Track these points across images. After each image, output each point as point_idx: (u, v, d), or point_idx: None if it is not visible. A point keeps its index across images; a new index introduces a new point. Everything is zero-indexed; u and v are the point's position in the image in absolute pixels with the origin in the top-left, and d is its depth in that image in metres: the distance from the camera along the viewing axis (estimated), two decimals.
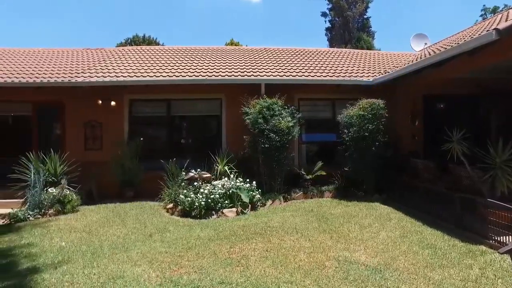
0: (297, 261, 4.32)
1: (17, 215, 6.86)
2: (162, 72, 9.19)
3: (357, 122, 8.10)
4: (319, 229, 5.73)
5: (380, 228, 5.70)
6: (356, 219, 6.25)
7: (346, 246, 4.84)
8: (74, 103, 9.19)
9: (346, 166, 8.46)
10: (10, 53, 11.65)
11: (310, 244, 4.98)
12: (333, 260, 4.33)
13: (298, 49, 12.34)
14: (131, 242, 5.27)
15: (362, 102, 8.34)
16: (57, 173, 7.93)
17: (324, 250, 4.71)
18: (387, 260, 4.30)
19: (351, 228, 5.70)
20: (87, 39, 47.24)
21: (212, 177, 7.94)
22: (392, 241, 5.02)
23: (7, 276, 4.12)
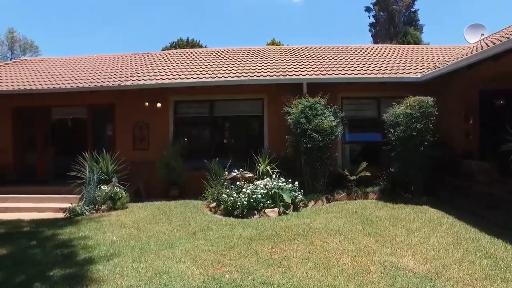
0: (340, 265, 4.21)
1: (75, 210, 7.41)
2: (205, 73, 9.42)
3: (403, 121, 7.72)
4: (363, 231, 5.55)
5: (429, 233, 5.38)
6: (403, 223, 5.96)
7: (393, 251, 4.63)
8: (124, 106, 9.73)
9: (392, 167, 8.09)
10: (69, 61, 12.62)
11: (354, 247, 4.83)
12: (378, 265, 4.16)
13: (340, 47, 12.05)
14: (176, 239, 5.45)
15: (409, 99, 7.93)
16: (108, 172, 8.43)
17: (369, 254, 4.54)
18: (438, 268, 4.04)
19: (398, 232, 5.44)
20: (135, 45, 49.75)
21: (254, 177, 7.98)
22: (443, 247, 4.72)
23: (68, 264, 4.48)
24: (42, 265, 4.53)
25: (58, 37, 45.90)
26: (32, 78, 10.56)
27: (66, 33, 46.76)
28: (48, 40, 46.84)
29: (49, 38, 46.14)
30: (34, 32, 51.08)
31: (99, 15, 48.34)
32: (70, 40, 46.77)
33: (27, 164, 10.57)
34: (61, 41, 46.68)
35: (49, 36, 46.01)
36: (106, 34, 48.65)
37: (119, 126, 9.81)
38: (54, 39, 46.26)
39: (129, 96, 9.50)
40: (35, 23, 45.23)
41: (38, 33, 48.18)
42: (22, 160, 10.56)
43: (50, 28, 45.76)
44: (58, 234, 5.97)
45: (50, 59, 13.75)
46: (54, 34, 46.55)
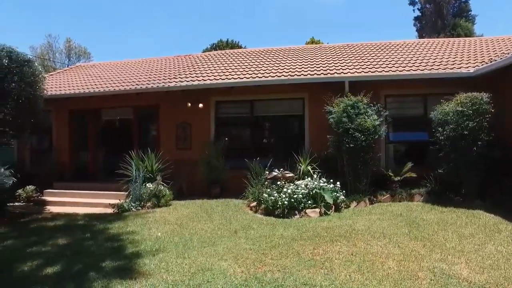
0: (385, 269, 4.05)
1: (123, 206, 7.82)
2: (245, 74, 9.51)
3: (453, 119, 7.26)
4: (409, 235, 5.30)
5: (485, 240, 5.01)
6: (454, 228, 5.61)
7: (443, 257, 4.37)
8: (167, 106, 10.10)
9: (440, 167, 7.63)
10: (116, 66, 13.35)
11: (400, 251, 4.63)
12: (427, 271, 3.95)
13: (383, 43, 11.61)
14: (218, 237, 5.55)
15: (460, 96, 7.44)
16: (153, 170, 8.79)
17: (416, 259, 4.33)
18: (498, 279, 3.73)
19: (448, 237, 5.13)
20: (177, 47, 51.46)
21: (295, 176, 7.93)
22: (503, 257, 4.35)
23: (118, 257, 4.74)
24: (96, 256, 4.83)
25: (107, 43, 48.70)
26: (85, 82, 11.31)
27: (114, 39, 49.43)
28: (98, 46, 49.81)
29: (99, 44, 49.09)
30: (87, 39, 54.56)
31: (143, 21, 50.60)
32: (117, 46, 49.41)
33: (81, 162, 11.33)
34: (109, 47, 49.45)
35: (99, 42, 48.98)
36: (150, 38, 50.77)
37: (163, 126, 10.20)
38: (104, 45, 49.12)
39: (172, 97, 9.84)
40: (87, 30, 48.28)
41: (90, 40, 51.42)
42: (77, 159, 11.33)
43: (99, 35, 48.66)
44: (108, 228, 6.33)
45: (100, 64, 14.64)
46: (104, 40, 49.41)
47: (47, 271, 4.38)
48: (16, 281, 4.13)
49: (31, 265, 4.60)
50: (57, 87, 11.15)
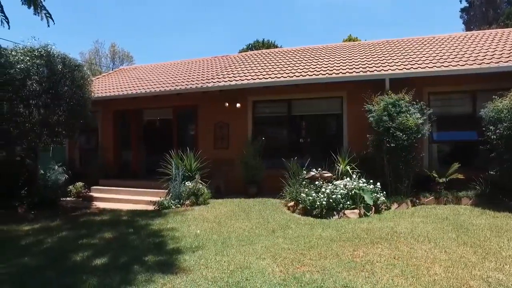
0: (431, 275, 3.85)
1: (163, 203, 8.10)
2: (282, 73, 9.48)
3: (508, 116, 6.76)
4: (457, 240, 5.00)
5: None
6: (510, 234, 5.21)
7: (498, 266, 4.06)
8: (206, 106, 10.33)
9: (492, 169, 7.15)
10: (157, 68, 13.84)
11: (447, 256, 4.38)
12: (480, 280, 3.69)
13: (426, 38, 11.05)
14: (256, 236, 5.58)
15: None
16: (192, 169, 9.02)
17: (467, 266, 4.07)
18: None
19: (503, 245, 4.77)
20: (214, 48, 52.44)
21: (333, 176, 7.78)
22: None
23: (160, 252, 4.91)
24: (139, 250, 5.03)
25: (147, 46, 50.68)
26: (128, 84, 11.84)
27: (154, 42, 51.34)
28: (139, 49, 51.99)
29: (140, 47, 51.22)
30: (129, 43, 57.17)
31: (181, 24, 52.10)
32: (157, 48, 51.26)
33: (124, 161, 11.89)
34: (150, 50, 51.43)
35: (140, 45, 51.12)
36: (188, 40, 52.14)
37: (201, 126, 10.44)
38: (144, 48, 51.19)
39: (210, 98, 10.04)
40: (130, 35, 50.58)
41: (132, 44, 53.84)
42: (120, 157, 11.91)
43: (140, 38, 50.77)
44: (150, 224, 6.57)
45: (142, 66, 15.27)
46: (144, 44, 51.47)
47: (96, 262, 4.64)
48: (70, 270, 4.40)
49: (82, 256, 4.89)
50: (103, 89, 11.77)
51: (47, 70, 8.00)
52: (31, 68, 7.77)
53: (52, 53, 8.33)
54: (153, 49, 50.82)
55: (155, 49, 50.92)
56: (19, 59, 7.78)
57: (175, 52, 52.18)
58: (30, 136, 8.13)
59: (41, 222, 7.19)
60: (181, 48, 51.37)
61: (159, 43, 51.79)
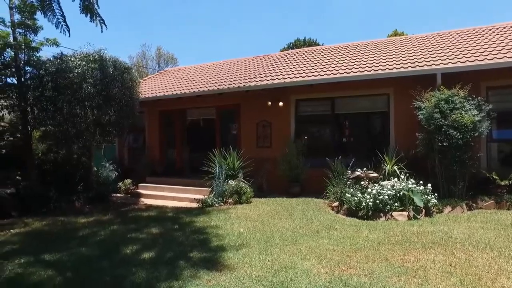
0: (497, 287, 3.53)
1: (206, 201, 8.25)
2: (326, 70, 9.27)
3: None
4: None
5: None
6: None
7: None
8: (248, 106, 10.38)
9: None
10: (199, 68, 14.17)
11: None
12: None
13: (483, 28, 10.21)
14: (299, 236, 5.49)
15: None
16: (235, 168, 9.11)
17: None
18: None
19: None
20: (255, 48, 52.75)
21: (379, 177, 7.46)
22: None
23: (204, 249, 4.99)
24: (184, 246, 5.15)
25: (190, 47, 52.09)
26: (172, 85, 12.24)
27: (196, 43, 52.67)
28: (182, 50, 53.62)
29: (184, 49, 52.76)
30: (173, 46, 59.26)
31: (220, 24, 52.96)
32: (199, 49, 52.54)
33: (169, 159, 12.31)
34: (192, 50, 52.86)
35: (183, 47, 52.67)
36: (228, 40, 52.91)
37: (243, 125, 10.51)
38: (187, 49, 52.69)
39: (252, 97, 10.08)
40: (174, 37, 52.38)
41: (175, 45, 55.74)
42: (166, 156, 12.35)
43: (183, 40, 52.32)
44: (194, 221, 6.72)
45: (185, 68, 15.72)
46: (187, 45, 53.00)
47: (144, 256, 4.81)
48: (121, 262, 4.61)
49: (132, 249, 5.11)
50: (149, 90, 12.27)
51: (100, 73, 8.48)
52: (87, 72, 8.29)
53: (104, 57, 8.83)
54: (195, 50, 52.17)
55: (197, 50, 52.20)
56: (77, 64, 8.33)
57: (217, 53, 53.09)
58: (85, 135, 8.68)
59: (95, 216, 7.65)
60: (222, 49, 52.23)
61: (201, 45, 53.05)
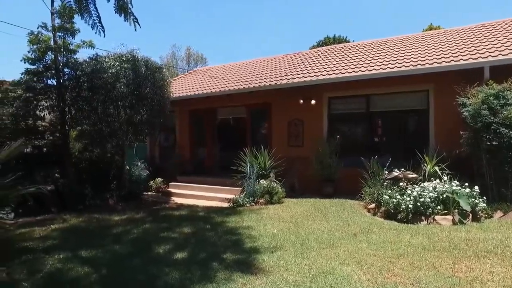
0: None
1: (237, 201, 8.14)
2: (360, 67, 8.90)
3: None
4: None
5: None
6: None
7: None
8: (279, 104, 10.18)
9: None
10: (229, 67, 14.13)
11: None
12: None
13: None
14: (336, 239, 5.23)
15: None
16: (266, 167, 8.94)
17: None
18: None
19: None
20: (282, 47, 52.39)
21: (419, 178, 7.04)
22: None
23: (237, 250, 4.85)
24: (217, 247, 5.04)
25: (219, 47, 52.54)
26: (202, 84, 12.27)
27: (224, 42, 53.06)
28: (211, 50, 54.21)
29: (212, 48, 53.37)
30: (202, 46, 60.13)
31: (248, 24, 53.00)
32: (228, 49, 52.89)
33: (199, 158, 12.34)
34: (221, 50, 53.29)
35: (212, 47, 53.24)
36: (256, 40, 52.91)
37: (274, 123, 10.32)
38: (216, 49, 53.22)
39: (283, 95, 9.87)
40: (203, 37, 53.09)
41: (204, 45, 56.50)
42: (196, 155, 12.39)
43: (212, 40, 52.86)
44: (226, 221, 6.61)
45: (215, 67, 15.75)
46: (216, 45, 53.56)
47: (177, 255, 4.75)
48: (154, 261, 4.57)
49: (164, 249, 5.06)
50: (179, 90, 12.35)
51: (132, 73, 8.59)
52: (120, 72, 8.42)
53: (136, 57, 8.94)
54: (224, 50, 52.59)
55: (226, 50, 52.62)
56: (111, 65, 8.49)
57: (245, 52, 53.31)
58: (118, 134, 8.82)
59: (127, 214, 7.73)
60: (251, 48, 52.29)
61: (229, 44, 53.42)
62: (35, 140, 9.28)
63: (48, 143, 9.61)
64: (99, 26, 6.35)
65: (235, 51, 51.85)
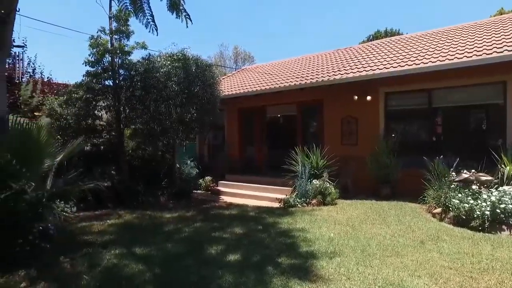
0: None
1: (288, 201, 7.84)
2: (421, 59, 8.16)
3: None
4: None
5: None
6: None
7: None
8: (331, 101, 9.70)
9: None
10: (277, 65, 13.88)
11: None
12: None
13: None
14: (400, 246, 4.74)
15: None
16: (318, 166, 8.53)
17: None
18: None
19: None
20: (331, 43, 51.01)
21: (494, 180, 6.24)
22: None
23: (292, 254, 4.56)
24: (270, 250, 4.80)
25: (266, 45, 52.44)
26: (251, 82, 12.13)
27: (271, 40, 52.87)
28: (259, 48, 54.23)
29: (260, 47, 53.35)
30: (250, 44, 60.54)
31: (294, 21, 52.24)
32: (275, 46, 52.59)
33: (248, 157, 12.21)
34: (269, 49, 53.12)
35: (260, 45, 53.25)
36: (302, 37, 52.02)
37: (326, 121, 9.85)
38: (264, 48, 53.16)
39: (336, 91, 9.38)
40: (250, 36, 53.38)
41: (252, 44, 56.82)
42: (245, 153, 12.28)
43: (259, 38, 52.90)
44: (278, 222, 6.34)
45: (263, 65, 15.57)
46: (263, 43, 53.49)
47: (229, 257, 4.57)
48: (206, 262, 4.44)
49: (216, 249, 4.92)
50: (228, 88, 12.33)
51: (183, 72, 8.66)
52: (171, 71, 8.52)
53: (187, 56, 9.00)
54: (271, 48, 52.25)
55: (273, 48, 52.24)
56: (163, 64, 8.62)
57: (292, 49, 52.57)
58: (169, 133, 8.93)
59: (178, 212, 7.78)
60: (298, 45, 51.48)
61: (276, 42, 52.96)
62: (93, 139, 9.74)
63: (105, 141, 10.05)
64: (152, 24, 6.45)
65: (281, 49, 51.41)
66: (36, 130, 5.16)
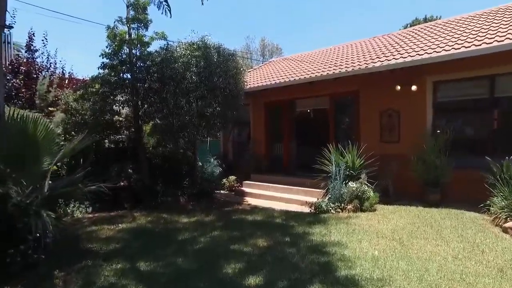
0: None
1: (320, 206, 6.85)
2: (480, 39, 6.87)
3: None
4: None
5: None
6: None
7: None
8: (369, 92, 8.56)
9: None
10: (308, 56, 12.84)
11: None
12: None
13: None
14: (471, 274, 3.65)
15: None
16: (355, 167, 7.46)
17: None
18: None
19: None
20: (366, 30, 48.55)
21: None
22: None
23: (329, 280, 3.62)
24: (300, 272, 3.89)
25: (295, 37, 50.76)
26: (279, 73, 11.19)
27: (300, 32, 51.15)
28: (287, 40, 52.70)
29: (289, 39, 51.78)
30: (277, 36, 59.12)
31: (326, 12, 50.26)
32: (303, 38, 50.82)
33: (275, 155, 11.29)
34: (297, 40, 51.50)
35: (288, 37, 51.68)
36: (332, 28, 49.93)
37: (363, 115, 8.69)
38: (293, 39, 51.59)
39: (374, 81, 8.23)
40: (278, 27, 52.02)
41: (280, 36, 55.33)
42: (272, 151, 11.36)
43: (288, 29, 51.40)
44: (309, 233, 5.40)
45: (292, 56, 14.54)
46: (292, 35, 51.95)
47: (249, 280, 3.73)
48: (221, 284, 3.63)
49: (234, 268, 4.09)
50: (254, 81, 11.44)
51: (204, 61, 7.90)
52: (191, 61, 7.78)
53: (208, 44, 8.24)
54: (300, 39, 50.47)
55: (301, 39, 50.45)
56: (182, 54, 7.91)
57: (320, 41, 50.64)
58: (189, 128, 8.20)
59: (197, 215, 7.04)
60: (327, 37, 49.47)
61: (305, 33, 51.11)
62: (111, 135, 9.23)
63: (124, 138, 9.53)
64: (165, 5, 5.68)
65: (310, 40, 49.50)
66: (32, 124, 4.54)
